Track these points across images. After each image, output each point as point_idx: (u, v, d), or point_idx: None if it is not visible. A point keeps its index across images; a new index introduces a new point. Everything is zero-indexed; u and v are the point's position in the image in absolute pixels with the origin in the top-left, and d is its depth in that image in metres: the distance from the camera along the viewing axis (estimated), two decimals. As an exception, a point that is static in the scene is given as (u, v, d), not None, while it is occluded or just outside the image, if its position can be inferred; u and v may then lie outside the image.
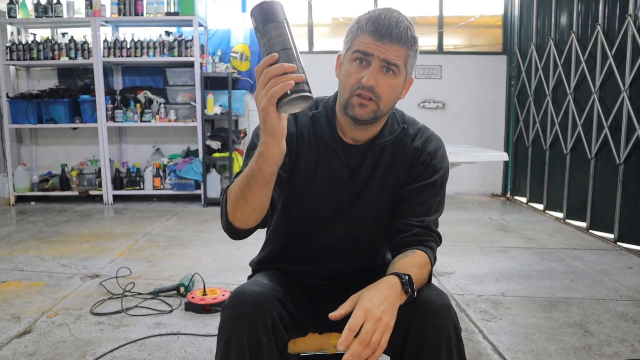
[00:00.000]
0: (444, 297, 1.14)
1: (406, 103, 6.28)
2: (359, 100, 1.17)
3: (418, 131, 1.32)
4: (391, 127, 1.30)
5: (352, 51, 1.18)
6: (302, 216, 1.33)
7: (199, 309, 2.46)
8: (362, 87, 1.15)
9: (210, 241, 3.79)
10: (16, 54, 5.07)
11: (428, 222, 1.25)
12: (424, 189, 1.27)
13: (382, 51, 1.14)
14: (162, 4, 5.07)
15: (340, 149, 1.28)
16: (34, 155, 5.65)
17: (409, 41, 1.16)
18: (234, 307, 1.12)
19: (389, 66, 1.15)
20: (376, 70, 1.15)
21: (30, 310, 2.47)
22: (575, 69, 4.34)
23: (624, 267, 3.21)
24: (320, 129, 1.28)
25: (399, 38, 1.14)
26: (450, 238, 3.89)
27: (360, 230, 1.33)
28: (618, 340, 2.19)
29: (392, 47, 1.14)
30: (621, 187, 3.70)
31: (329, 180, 1.29)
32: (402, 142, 1.30)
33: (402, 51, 1.16)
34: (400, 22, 1.15)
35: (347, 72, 1.19)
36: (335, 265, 1.35)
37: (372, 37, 1.15)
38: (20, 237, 3.89)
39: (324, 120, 1.29)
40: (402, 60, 1.16)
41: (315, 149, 1.29)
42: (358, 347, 0.98)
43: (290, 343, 1.29)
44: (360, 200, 1.30)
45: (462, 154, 3.02)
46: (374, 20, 1.15)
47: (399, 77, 1.18)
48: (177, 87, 5.28)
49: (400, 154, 1.29)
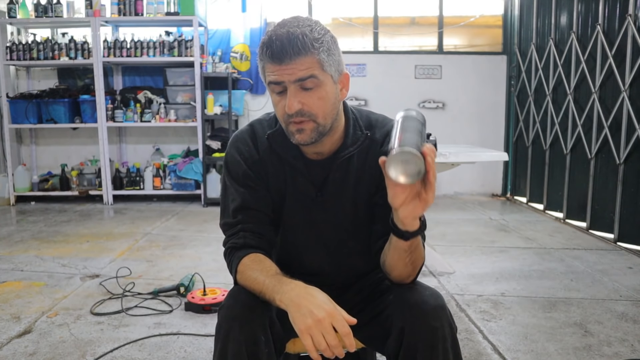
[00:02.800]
0: (437, 297, 1.14)
1: (406, 103, 6.30)
2: (295, 127, 1.13)
3: (387, 134, 1.24)
4: (354, 135, 1.24)
5: (267, 84, 1.15)
6: (284, 238, 1.32)
7: (199, 309, 2.46)
8: (289, 115, 1.12)
9: (210, 241, 3.79)
10: (16, 54, 5.08)
11: None
12: None
13: (288, 73, 1.09)
14: (162, 4, 5.07)
15: (302, 166, 1.24)
16: (34, 155, 5.65)
17: (310, 47, 1.09)
18: (230, 307, 1.12)
19: (304, 82, 1.10)
20: (294, 93, 1.10)
21: (30, 310, 2.47)
22: (575, 69, 4.34)
23: (624, 267, 3.21)
24: (279, 147, 1.24)
25: (297, 51, 1.08)
26: (450, 238, 3.89)
27: (344, 243, 1.31)
28: (618, 340, 2.19)
29: (296, 63, 1.08)
30: (621, 187, 3.70)
31: (298, 198, 1.26)
32: (370, 150, 1.24)
33: (310, 60, 1.09)
34: (293, 35, 1.08)
35: (274, 104, 1.17)
36: (329, 278, 1.33)
37: (274, 63, 1.10)
38: (20, 237, 3.89)
39: (282, 138, 1.22)
40: (315, 69, 1.10)
41: (281, 169, 1.26)
42: None
43: (289, 343, 1.29)
44: (334, 214, 1.27)
45: (462, 154, 3.02)
46: (267, 46, 1.10)
47: (323, 86, 1.12)
48: (177, 87, 5.28)
49: (370, 163, 1.24)
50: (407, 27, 5.91)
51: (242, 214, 1.23)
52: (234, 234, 1.24)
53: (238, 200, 1.24)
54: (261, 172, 1.26)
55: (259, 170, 1.26)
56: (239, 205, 1.24)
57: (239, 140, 1.28)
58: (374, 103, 5.61)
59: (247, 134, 1.29)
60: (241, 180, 1.25)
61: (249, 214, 1.23)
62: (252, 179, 1.25)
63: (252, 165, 1.25)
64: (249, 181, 1.25)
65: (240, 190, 1.24)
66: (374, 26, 5.75)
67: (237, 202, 1.24)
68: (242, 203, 1.24)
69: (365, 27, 5.77)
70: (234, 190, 1.25)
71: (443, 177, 5.57)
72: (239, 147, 1.27)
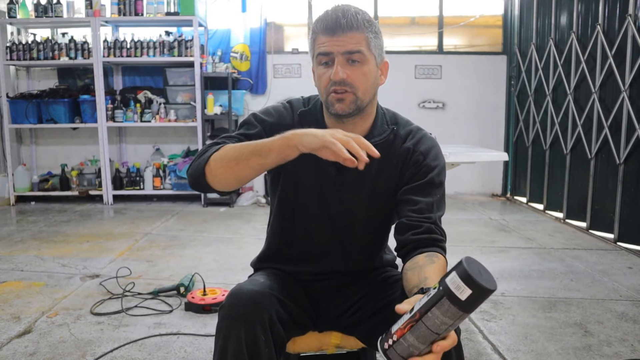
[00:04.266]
0: None
1: (406, 103, 6.28)
2: (336, 96, 1.19)
3: (410, 132, 1.31)
4: (380, 127, 1.29)
5: (316, 56, 1.21)
6: (295, 214, 1.33)
7: (199, 309, 2.46)
8: (333, 83, 1.18)
9: (210, 241, 3.79)
10: (16, 54, 5.08)
11: (435, 219, 1.22)
12: (421, 188, 1.24)
13: (339, 44, 1.16)
14: (162, 4, 5.07)
15: None
16: (34, 155, 5.65)
17: (362, 25, 1.17)
18: (230, 306, 1.12)
19: (352, 56, 1.17)
20: (342, 64, 1.17)
21: (30, 310, 2.47)
22: (575, 69, 4.34)
23: (624, 267, 3.21)
24: (308, 126, 1.24)
25: (350, 25, 1.16)
26: (450, 238, 3.84)
27: (354, 232, 1.32)
28: (618, 340, 2.19)
29: (347, 36, 1.16)
30: (621, 187, 3.70)
31: (317, 177, 1.28)
32: (393, 144, 1.29)
33: (359, 36, 1.17)
34: (347, 11, 1.17)
35: (318, 77, 1.23)
36: (332, 266, 1.34)
37: (326, 35, 1.17)
38: (20, 237, 3.89)
39: (313, 118, 1.30)
40: (363, 45, 1.18)
41: None
42: None
43: (290, 342, 1.29)
44: (349, 199, 1.28)
45: (462, 154, 3.01)
46: (322, 20, 1.18)
47: (367, 63, 1.19)
48: (177, 87, 5.28)
49: (392, 156, 1.28)
50: (407, 27, 5.91)
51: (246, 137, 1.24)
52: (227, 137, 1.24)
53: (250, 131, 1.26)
54: None
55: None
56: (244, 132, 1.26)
57: (280, 105, 1.34)
58: (374, 103, 5.61)
59: (286, 104, 1.35)
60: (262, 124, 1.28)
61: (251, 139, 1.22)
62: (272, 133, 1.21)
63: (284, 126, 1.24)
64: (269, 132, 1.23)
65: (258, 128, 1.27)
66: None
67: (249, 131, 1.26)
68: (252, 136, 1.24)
69: (365, 27, 5.76)
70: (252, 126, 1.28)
71: (443, 177, 5.58)
72: (278, 108, 1.32)
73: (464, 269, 0.81)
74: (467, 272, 0.80)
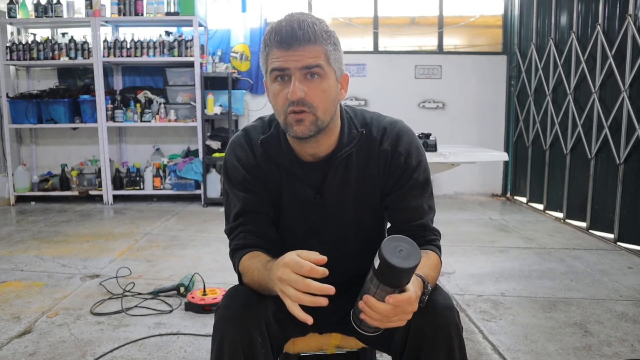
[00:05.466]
0: (446, 297, 1.14)
1: (406, 103, 6.27)
2: (295, 117, 1.11)
3: (384, 131, 1.24)
4: (349, 135, 1.22)
5: (269, 71, 1.12)
6: (284, 240, 1.31)
7: (199, 309, 2.46)
8: (291, 103, 1.09)
9: (210, 241, 3.79)
10: (16, 54, 5.08)
11: (427, 223, 1.24)
12: (408, 191, 1.22)
13: (295, 59, 1.08)
14: (162, 4, 5.07)
15: (299, 170, 1.23)
16: (34, 155, 5.65)
17: (320, 36, 1.09)
18: (227, 307, 1.12)
19: (311, 71, 1.08)
20: (299, 80, 1.08)
21: (30, 310, 2.47)
22: (575, 69, 4.34)
23: (624, 267, 3.21)
24: (273, 152, 1.23)
25: (307, 38, 1.07)
26: (450, 238, 3.89)
27: (346, 243, 1.30)
28: (618, 340, 2.19)
29: (305, 50, 1.07)
30: (621, 187, 3.70)
31: (297, 203, 1.26)
32: (369, 148, 1.23)
33: (318, 49, 1.09)
34: (303, 22, 1.08)
35: (273, 94, 1.13)
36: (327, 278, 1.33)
37: (280, 49, 1.08)
38: (20, 237, 3.89)
39: (276, 142, 1.23)
40: (322, 59, 1.09)
41: (275, 173, 1.25)
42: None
43: (289, 343, 1.29)
44: (335, 216, 1.27)
45: (462, 154, 3.01)
46: (275, 32, 1.09)
47: (327, 78, 1.11)
48: (177, 87, 5.28)
49: (372, 161, 1.23)
50: (407, 27, 5.91)
51: (242, 217, 1.25)
52: (236, 237, 1.26)
53: (238, 205, 1.25)
54: (259, 176, 1.26)
55: (257, 174, 1.25)
56: (239, 210, 1.25)
57: (236, 146, 1.28)
58: (374, 103, 5.61)
59: (243, 139, 1.28)
60: (240, 185, 1.25)
61: (249, 217, 1.24)
62: (251, 183, 1.25)
63: (250, 170, 1.25)
64: (249, 185, 1.25)
65: (240, 195, 1.25)
66: (374, 26, 5.75)
67: (238, 206, 1.25)
68: (242, 207, 1.24)
69: (365, 27, 5.76)
70: (234, 196, 1.26)
71: (443, 177, 5.58)
72: (237, 153, 1.27)
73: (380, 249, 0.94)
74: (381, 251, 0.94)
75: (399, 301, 0.96)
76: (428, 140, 2.80)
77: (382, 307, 0.97)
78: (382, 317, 0.98)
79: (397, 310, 0.97)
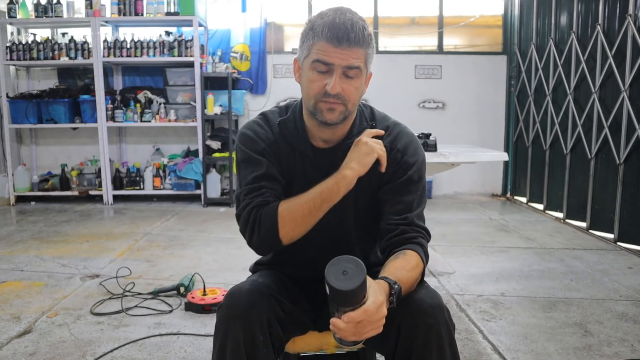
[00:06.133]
0: (434, 295, 1.14)
1: (406, 103, 6.26)
2: (327, 105, 1.18)
3: (387, 129, 1.31)
4: (359, 125, 1.30)
5: (312, 60, 1.17)
6: None
7: (199, 309, 2.46)
8: (328, 94, 1.17)
9: (210, 241, 3.79)
10: (16, 54, 5.08)
11: (411, 218, 1.24)
12: (401, 186, 1.26)
13: (342, 58, 1.14)
14: (162, 4, 5.07)
15: (311, 153, 1.29)
16: (34, 155, 5.65)
17: (366, 41, 1.16)
18: (228, 307, 1.13)
19: (351, 70, 1.16)
20: (339, 77, 1.16)
21: (30, 310, 2.47)
22: (575, 69, 4.34)
23: (624, 267, 3.21)
24: (289, 135, 1.29)
25: (357, 41, 1.14)
26: (450, 238, 3.89)
27: (345, 234, 1.33)
28: (618, 340, 2.19)
29: (352, 51, 1.14)
30: (621, 187, 3.70)
31: (306, 185, 1.27)
32: None
33: (361, 52, 1.16)
34: (355, 24, 1.14)
35: (309, 80, 1.19)
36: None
37: (330, 43, 1.14)
38: (20, 237, 3.89)
39: (292, 125, 1.29)
40: (362, 61, 1.17)
41: (290, 154, 1.30)
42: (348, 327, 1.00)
43: (290, 343, 1.29)
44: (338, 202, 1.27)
45: (462, 154, 3.02)
46: (329, 26, 1.13)
47: (361, 77, 1.19)
48: (177, 87, 5.28)
49: None
50: (407, 27, 5.91)
51: (265, 181, 1.25)
52: (260, 195, 1.23)
53: (261, 169, 1.25)
54: (277, 153, 1.29)
55: (275, 151, 1.29)
56: (262, 174, 1.25)
57: (254, 124, 1.32)
58: (374, 103, 5.51)
59: (261, 120, 1.33)
60: (261, 154, 1.27)
61: (272, 182, 1.25)
62: (270, 155, 1.28)
63: (270, 145, 1.28)
64: (268, 156, 1.27)
65: (263, 160, 1.26)
66: (374, 26, 5.75)
67: (260, 171, 1.25)
68: (266, 171, 1.25)
69: (365, 27, 5.76)
70: (256, 161, 1.26)
71: (443, 177, 5.59)
72: (255, 129, 1.30)
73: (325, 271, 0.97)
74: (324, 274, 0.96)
75: (353, 318, 0.97)
76: (428, 140, 2.80)
77: (346, 327, 0.99)
78: (351, 333, 1.00)
79: (362, 324, 0.99)
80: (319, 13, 1.18)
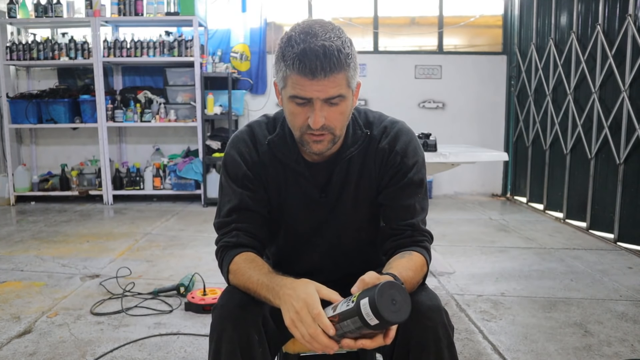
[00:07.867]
0: (433, 297, 1.14)
1: (406, 103, 6.26)
2: (313, 138, 1.13)
3: (384, 130, 1.25)
4: (353, 136, 1.24)
5: (288, 95, 1.10)
6: (286, 238, 1.32)
7: (199, 309, 2.46)
8: (311, 128, 1.10)
9: (210, 241, 3.78)
10: (16, 54, 5.08)
11: (417, 223, 1.23)
12: (402, 189, 1.23)
13: (320, 90, 1.06)
14: (162, 4, 5.07)
15: (305, 169, 1.24)
16: (34, 155, 5.65)
17: (344, 64, 1.06)
18: (223, 306, 1.12)
19: (332, 100, 1.09)
20: (320, 109, 1.09)
21: (30, 310, 2.47)
22: (575, 69, 4.34)
23: (624, 267, 3.21)
24: (280, 153, 1.24)
25: (332, 68, 1.04)
26: (450, 238, 3.89)
27: (345, 243, 1.32)
28: (618, 340, 2.19)
29: (329, 80, 1.05)
30: (621, 187, 3.70)
31: (302, 201, 1.26)
32: (369, 147, 1.25)
33: (341, 77, 1.07)
34: (328, 49, 1.03)
35: (290, 112, 1.13)
36: (328, 277, 1.33)
37: (303, 77, 1.05)
38: (20, 237, 3.89)
39: (282, 142, 1.24)
40: (343, 86, 1.08)
41: (281, 172, 1.26)
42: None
43: (289, 342, 1.29)
44: (337, 215, 1.28)
45: (462, 154, 3.02)
46: (300, 58, 1.04)
47: (346, 101, 1.11)
48: (177, 87, 5.28)
49: (369, 160, 1.25)
50: (407, 27, 5.91)
51: (237, 214, 1.23)
52: (227, 233, 1.23)
53: (235, 200, 1.24)
54: (261, 174, 1.25)
55: (259, 172, 1.25)
56: (235, 206, 1.24)
57: (239, 141, 1.27)
58: (374, 103, 5.60)
59: (247, 135, 1.27)
60: (240, 181, 1.24)
61: (244, 215, 1.23)
62: (251, 181, 1.24)
63: (252, 166, 1.25)
64: (248, 182, 1.24)
65: (238, 191, 1.24)
66: (374, 26, 5.75)
67: (234, 202, 1.24)
68: (238, 204, 1.24)
69: (365, 27, 5.76)
70: (232, 191, 1.25)
71: (443, 177, 5.59)
72: (239, 148, 1.26)
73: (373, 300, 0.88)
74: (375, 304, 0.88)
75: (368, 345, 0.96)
76: (428, 140, 2.80)
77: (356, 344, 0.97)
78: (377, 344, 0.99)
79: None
80: (288, 38, 1.07)
